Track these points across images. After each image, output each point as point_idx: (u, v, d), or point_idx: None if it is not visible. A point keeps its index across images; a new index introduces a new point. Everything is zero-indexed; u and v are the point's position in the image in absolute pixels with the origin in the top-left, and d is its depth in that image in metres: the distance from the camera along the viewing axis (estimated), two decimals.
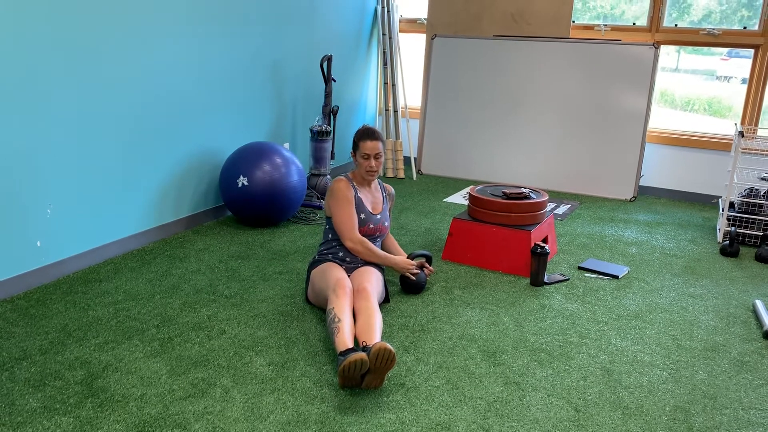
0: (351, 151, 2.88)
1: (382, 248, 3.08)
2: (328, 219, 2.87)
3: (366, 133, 2.80)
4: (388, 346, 2.09)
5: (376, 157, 2.79)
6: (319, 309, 2.79)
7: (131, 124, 3.31)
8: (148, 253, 3.40)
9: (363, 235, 2.82)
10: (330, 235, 2.87)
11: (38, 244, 2.91)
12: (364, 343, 2.24)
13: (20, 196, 2.80)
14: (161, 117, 3.50)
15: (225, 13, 3.85)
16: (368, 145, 2.78)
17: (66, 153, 2.98)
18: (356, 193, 2.83)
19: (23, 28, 2.69)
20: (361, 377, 2.17)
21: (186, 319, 2.66)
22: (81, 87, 3.00)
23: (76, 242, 3.11)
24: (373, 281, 2.63)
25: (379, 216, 2.88)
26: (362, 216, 2.82)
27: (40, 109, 2.82)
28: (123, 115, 3.25)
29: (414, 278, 2.93)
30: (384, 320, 2.70)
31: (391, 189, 3.09)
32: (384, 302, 2.87)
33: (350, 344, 2.23)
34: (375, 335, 2.29)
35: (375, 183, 2.98)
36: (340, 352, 2.18)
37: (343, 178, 2.85)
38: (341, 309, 2.38)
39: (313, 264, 2.84)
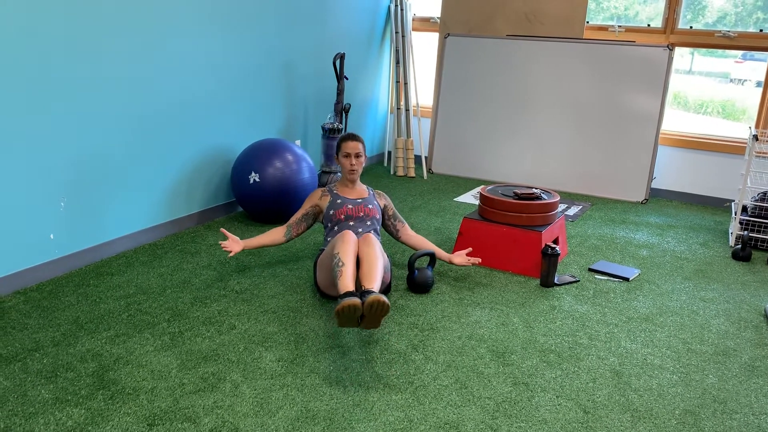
0: (335, 154, 3.11)
1: (408, 244, 3.19)
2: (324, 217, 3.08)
3: (347, 135, 3.04)
4: (382, 298, 2.22)
5: (357, 156, 3.01)
6: (328, 302, 2.80)
7: (145, 120, 3.33)
8: (160, 247, 3.42)
9: (345, 216, 2.98)
10: (325, 231, 3.06)
11: (51, 237, 2.94)
12: (363, 287, 2.41)
13: (33, 190, 2.82)
14: (175, 113, 3.52)
15: (238, 11, 3.86)
16: (349, 145, 3.00)
17: (80, 147, 3.00)
18: (332, 192, 3.06)
19: (38, 28, 2.72)
20: (359, 320, 2.28)
21: (197, 313, 2.68)
22: (94, 83, 3.02)
23: (89, 235, 3.13)
24: (376, 242, 2.69)
25: (360, 200, 3.04)
26: (338, 201, 3.02)
27: (53, 105, 2.84)
28: (137, 111, 3.27)
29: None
30: (393, 319, 2.71)
31: (381, 192, 3.25)
32: (386, 291, 2.92)
33: (351, 287, 2.38)
34: (375, 279, 2.44)
35: (362, 186, 3.14)
36: (340, 295, 2.33)
37: (321, 188, 3.12)
38: (346, 254, 2.52)
39: (318, 258, 2.91)
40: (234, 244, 2.86)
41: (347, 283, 2.40)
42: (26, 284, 2.86)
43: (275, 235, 3.01)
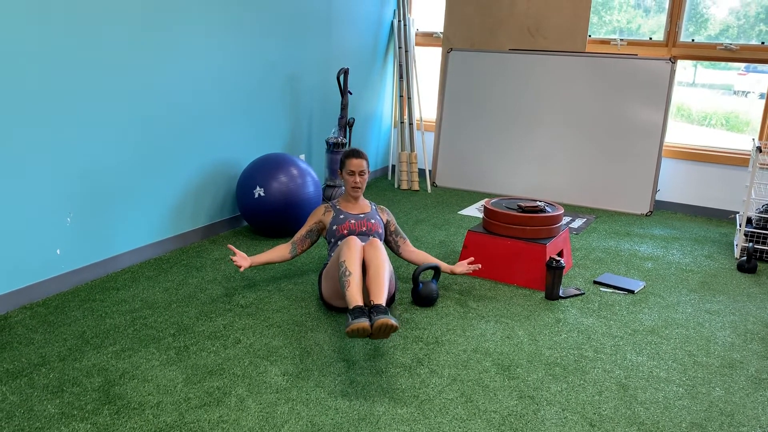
0: (338, 170, 3.15)
1: (409, 260, 3.17)
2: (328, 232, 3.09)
3: (352, 152, 3.05)
4: (390, 321, 2.26)
5: (361, 173, 3.03)
6: (333, 315, 2.80)
7: (150, 135, 3.36)
8: (165, 262, 3.43)
9: (348, 231, 3.01)
10: (329, 245, 3.07)
11: (58, 252, 2.95)
12: (372, 302, 2.44)
13: (40, 205, 2.84)
14: (180, 128, 3.54)
15: (243, 26, 3.90)
16: (353, 162, 3.01)
17: (86, 162, 3.03)
18: (335, 208, 3.09)
19: (45, 42, 2.75)
20: (369, 335, 2.33)
21: (202, 327, 2.68)
22: (100, 98, 3.05)
23: (95, 250, 3.15)
24: (382, 246, 2.73)
25: (362, 215, 3.07)
26: (341, 216, 3.05)
27: (59, 120, 2.87)
28: (142, 126, 3.30)
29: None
30: (397, 332, 2.71)
31: (383, 207, 3.30)
32: (390, 303, 2.93)
33: (359, 300, 2.42)
34: (383, 289, 2.49)
35: (365, 201, 3.16)
36: (350, 310, 2.37)
37: (324, 204, 3.15)
38: (352, 261, 2.55)
39: (322, 270, 2.93)
40: (242, 260, 2.87)
41: (355, 295, 2.43)
42: (32, 299, 2.87)
43: (281, 251, 3.02)
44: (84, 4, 2.88)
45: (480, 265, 3.07)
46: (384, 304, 2.41)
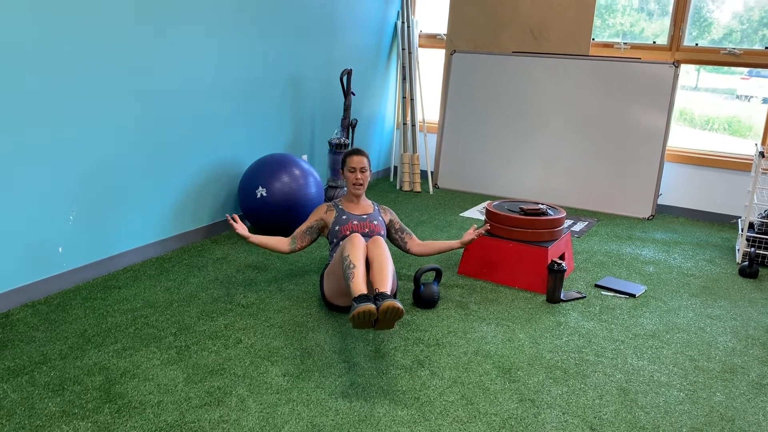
0: (340, 169, 3.18)
1: (420, 253, 3.18)
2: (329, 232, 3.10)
3: (352, 151, 3.08)
4: (397, 304, 2.27)
5: (362, 170, 3.04)
6: (334, 315, 2.80)
7: (153, 135, 3.36)
8: (167, 261, 3.43)
9: (350, 232, 3.00)
10: (330, 246, 3.07)
11: (60, 250, 2.96)
12: (377, 290, 2.44)
13: (43, 203, 2.85)
14: (183, 128, 3.55)
15: (245, 26, 3.91)
16: (354, 160, 3.04)
17: (89, 161, 3.03)
18: (337, 207, 3.09)
19: (49, 44, 2.76)
20: (373, 323, 2.31)
21: (203, 327, 2.68)
22: (102, 97, 3.05)
23: (97, 249, 3.15)
24: (385, 244, 2.74)
25: (365, 216, 3.07)
26: (344, 217, 3.04)
27: (63, 119, 2.88)
28: (145, 126, 3.30)
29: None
30: (398, 334, 2.71)
31: (386, 207, 3.32)
32: None
33: (364, 289, 2.42)
34: (387, 280, 2.49)
35: (368, 202, 3.17)
36: (354, 298, 2.35)
37: (327, 203, 3.16)
38: (356, 256, 2.56)
39: (324, 270, 2.93)
40: (242, 228, 2.89)
41: (360, 285, 2.43)
42: (34, 297, 2.87)
43: (280, 243, 3.01)
44: (84, 4, 2.88)
45: (489, 226, 3.11)
46: (389, 293, 2.42)
